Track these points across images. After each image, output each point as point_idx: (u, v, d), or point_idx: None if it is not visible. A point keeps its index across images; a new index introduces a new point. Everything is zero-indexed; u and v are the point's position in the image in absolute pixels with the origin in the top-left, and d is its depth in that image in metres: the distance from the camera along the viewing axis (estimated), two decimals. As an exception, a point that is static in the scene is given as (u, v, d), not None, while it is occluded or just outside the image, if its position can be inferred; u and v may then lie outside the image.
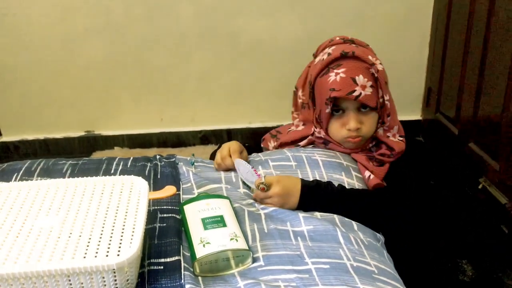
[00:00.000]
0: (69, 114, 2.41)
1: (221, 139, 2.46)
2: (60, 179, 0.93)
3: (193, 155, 1.22)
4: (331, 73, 1.07)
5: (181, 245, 0.87)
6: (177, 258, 0.84)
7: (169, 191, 1.05)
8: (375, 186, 1.09)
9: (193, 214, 0.91)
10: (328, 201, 0.99)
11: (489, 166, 1.81)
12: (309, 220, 0.94)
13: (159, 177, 1.11)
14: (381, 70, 1.10)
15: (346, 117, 1.11)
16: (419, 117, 2.45)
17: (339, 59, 1.08)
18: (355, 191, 1.05)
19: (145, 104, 2.40)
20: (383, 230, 1.04)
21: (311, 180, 1.04)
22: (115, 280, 0.73)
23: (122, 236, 0.78)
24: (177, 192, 1.05)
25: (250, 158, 1.20)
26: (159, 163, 1.17)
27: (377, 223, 1.02)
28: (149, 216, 0.94)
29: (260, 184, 0.97)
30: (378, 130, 1.15)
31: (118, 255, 0.74)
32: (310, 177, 1.10)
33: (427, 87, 2.36)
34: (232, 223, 0.88)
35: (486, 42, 1.79)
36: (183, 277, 0.80)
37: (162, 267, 0.83)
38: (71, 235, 0.80)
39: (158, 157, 1.20)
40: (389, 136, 1.16)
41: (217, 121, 2.45)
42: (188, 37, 2.25)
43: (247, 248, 0.83)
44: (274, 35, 2.24)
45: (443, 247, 1.67)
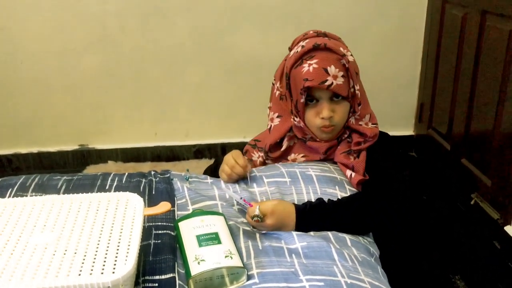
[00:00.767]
0: (63, 127, 2.41)
1: (215, 153, 2.47)
2: (55, 195, 0.93)
3: (187, 171, 1.23)
4: (305, 64, 1.12)
5: (176, 262, 0.87)
6: (172, 275, 0.84)
7: (164, 207, 1.05)
8: (359, 182, 1.13)
9: (188, 231, 0.91)
10: (322, 223, 1.01)
11: (481, 182, 1.83)
12: (302, 237, 0.95)
13: (154, 193, 1.11)
14: (351, 61, 1.14)
15: (319, 106, 1.16)
16: (412, 133, 2.47)
17: (311, 50, 1.13)
18: (344, 201, 1.07)
19: (139, 118, 2.41)
20: (374, 229, 1.07)
21: (304, 203, 1.05)
22: (110, 297, 0.73)
23: (117, 253, 0.78)
24: (172, 208, 1.05)
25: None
26: (154, 179, 1.17)
27: (368, 223, 1.05)
28: (144, 232, 0.94)
29: (254, 216, 0.97)
30: (350, 119, 1.19)
31: (113, 272, 0.74)
32: (304, 192, 1.11)
33: (420, 103, 2.38)
34: (227, 240, 0.89)
35: (477, 59, 1.82)
36: (177, 294, 0.80)
37: (156, 285, 0.83)
38: (66, 252, 0.79)
39: (153, 173, 1.21)
40: (361, 124, 1.20)
41: (211, 135, 2.46)
42: (182, 51, 2.27)
43: (242, 265, 0.84)
44: (268, 51, 2.26)
45: (437, 259, 1.68)
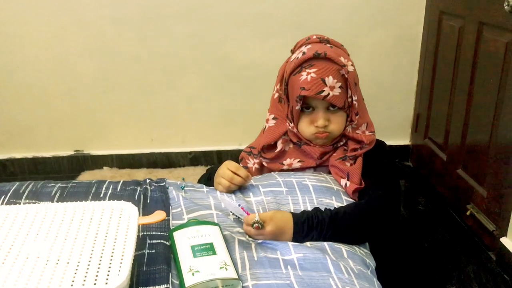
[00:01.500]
0: (59, 133, 2.39)
1: (211, 160, 2.46)
2: (49, 203, 0.92)
3: (183, 179, 1.22)
4: (303, 72, 1.13)
5: (170, 273, 0.86)
6: (165, 286, 0.83)
7: (158, 216, 1.05)
8: (354, 190, 1.13)
9: (183, 241, 0.90)
10: (320, 232, 1.00)
11: (477, 193, 1.83)
12: (299, 248, 0.94)
13: (148, 201, 1.11)
14: (351, 71, 1.14)
15: (315, 115, 1.17)
16: (408, 143, 2.47)
17: (312, 59, 1.13)
18: (340, 210, 1.07)
19: (135, 124, 2.40)
20: (370, 238, 1.07)
21: (301, 212, 1.05)
22: (103, 309, 0.72)
23: (110, 263, 0.77)
24: (167, 217, 1.04)
25: None
26: (149, 187, 1.16)
27: (364, 233, 1.06)
28: (138, 242, 0.93)
29: (254, 223, 0.97)
30: (347, 128, 1.20)
31: (106, 283, 0.74)
32: (300, 202, 1.10)
33: (416, 113, 2.39)
34: (222, 251, 0.88)
35: (473, 70, 1.83)
36: (171, 306, 0.79)
37: (150, 295, 0.82)
38: (58, 261, 0.78)
39: (148, 181, 1.20)
40: (358, 132, 1.20)
41: (207, 142, 2.45)
42: (180, 58, 2.27)
43: (237, 277, 0.83)
44: (265, 59, 2.26)
45: (432, 269, 1.67)
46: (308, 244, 0.98)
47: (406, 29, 2.25)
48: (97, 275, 0.75)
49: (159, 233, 0.97)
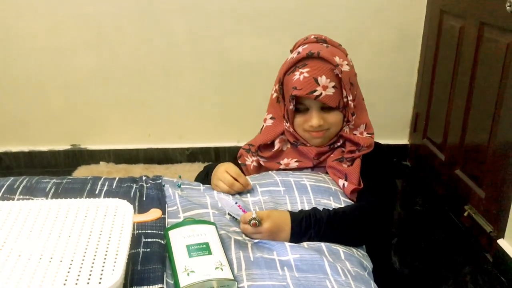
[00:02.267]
0: (55, 127, 2.38)
1: (208, 157, 2.45)
2: (43, 200, 0.91)
3: (179, 177, 1.21)
4: (297, 72, 1.12)
5: (165, 272, 0.85)
6: (160, 286, 0.82)
7: (154, 214, 1.04)
8: (353, 191, 1.12)
9: (178, 240, 0.89)
10: (317, 231, 0.99)
11: (475, 194, 1.82)
12: (296, 249, 0.93)
13: (144, 199, 1.09)
14: (346, 71, 1.12)
15: (309, 115, 1.16)
16: (407, 142, 2.47)
17: (305, 59, 1.13)
18: (339, 211, 1.06)
19: (132, 119, 2.39)
20: (367, 241, 1.06)
21: (298, 211, 1.03)
22: (95, 309, 0.71)
23: (104, 262, 0.76)
24: (163, 215, 1.03)
25: None
26: (145, 185, 1.15)
27: (361, 235, 1.05)
28: (133, 240, 0.92)
29: (252, 219, 0.96)
30: (344, 128, 1.18)
31: (99, 283, 0.72)
32: (298, 202, 1.09)
33: (415, 113, 2.38)
34: (217, 251, 0.87)
35: (474, 71, 1.82)
36: (165, 306, 0.78)
37: (144, 295, 0.81)
38: (51, 260, 0.77)
39: (144, 178, 1.18)
40: (356, 134, 1.19)
41: (205, 139, 2.44)
42: (178, 54, 2.25)
43: (232, 277, 0.82)
44: (264, 56, 2.25)
45: (428, 270, 1.67)
46: (305, 245, 0.97)
47: (406, 28, 2.24)
48: (90, 274, 0.74)
49: (154, 232, 0.96)
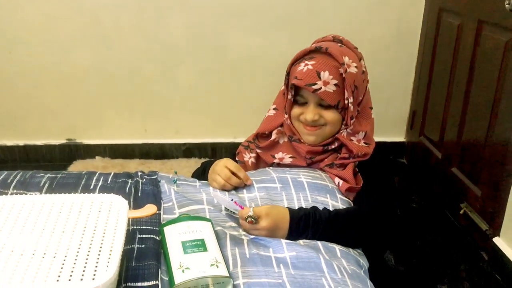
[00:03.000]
0: (51, 121, 2.36)
1: (205, 152, 2.44)
2: (36, 195, 0.90)
3: (175, 173, 1.20)
4: (302, 63, 1.12)
5: (160, 269, 0.85)
6: (154, 282, 0.81)
7: (149, 210, 1.03)
8: (347, 190, 1.12)
9: (173, 236, 0.88)
10: (315, 231, 0.99)
11: (471, 192, 1.82)
12: (292, 246, 0.92)
13: (139, 194, 1.08)
14: (352, 72, 1.10)
15: (306, 108, 1.15)
16: (403, 139, 2.46)
17: (313, 51, 1.12)
18: (339, 214, 1.05)
19: (129, 114, 2.37)
20: (364, 244, 1.05)
21: (297, 208, 1.02)
22: (89, 305, 0.70)
23: (98, 258, 0.76)
24: (158, 211, 1.02)
25: None
26: (141, 180, 1.14)
27: (359, 238, 1.04)
28: (128, 236, 0.91)
29: (248, 217, 0.95)
30: (341, 131, 1.16)
31: (93, 279, 0.72)
32: (295, 199, 1.08)
33: (412, 110, 2.37)
34: (213, 248, 0.86)
35: (471, 69, 1.81)
36: (160, 303, 0.78)
37: (138, 292, 0.80)
38: (45, 255, 0.76)
39: (139, 174, 1.17)
40: (353, 140, 1.16)
41: (201, 134, 2.43)
42: (176, 49, 2.24)
43: (228, 275, 0.81)
44: (262, 52, 2.24)
45: (424, 268, 1.67)
46: (301, 242, 0.96)
47: (404, 25, 2.23)
48: (84, 270, 0.73)
49: (149, 228, 0.95)
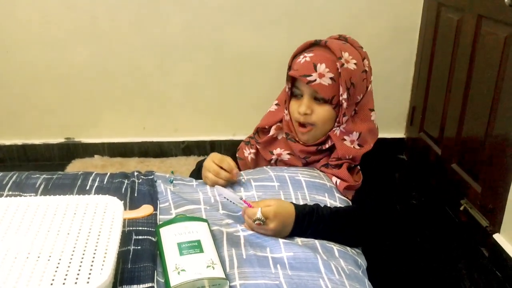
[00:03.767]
0: (49, 120, 2.36)
1: (204, 150, 2.43)
2: (31, 197, 0.89)
3: (172, 173, 1.19)
4: (301, 55, 1.12)
5: (156, 271, 0.84)
6: (150, 285, 0.80)
7: (145, 210, 1.02)
8: (346, 188, 1.11)
9: (169, 238, 0.87)
10: (316, 228, 0.98)
11: (471, 188, 1.81)
12: (289, 246, 0.91)
13: (136, 195, 1.08)
14: (350, 69, 1.09)
15: (301, 101, 1.14)
16: (403, 135, 2.45)
17: (313, 45, 1.13)
18: (339, 212, 1.04)
19: (127, 112, 2.36)
20: (366, 243, 1.05)
21: (302, 205, 1.01)
22: (83, 309, 0.70)
23: (93, 261, 0.75)
24: (154, 212, 1.01)
25: None
26: (137, 180, 1.13)
27: (361, 238, 1.04)
28: (124, 237, 0.91)
29: (256, 219, 0.94)
30: (334, 129, 1.14)
31: (87, 282, 0.71)
32: (293, 198, 1.07)
33: (412, 106, 2.36)
34: (209, 249, 0.85)
35: (471, 64, 1.80)
36: (156, 305, 0.77)
37: (134, 294, 0.80)
38: (39, 258, 0.76)
39: (136, 174, 1.17)
40: (346, 139, 1.14)
41: (200, 132, 2.42)
42: (174, 47, 2.22)
43: (224, 276, 0.80)
44: (260, 49, 2.23)
45: (423, 265, 1.66)
46: (299, 242, 0.95)
47: (403, 20, 2.22)
48: (78, 273, 0.73)
49: (145, 229, 0.94)
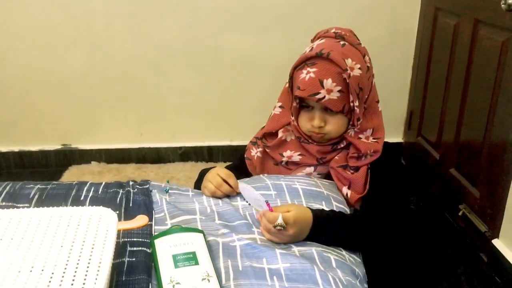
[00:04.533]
0: (46, 126, 2.35)
1: (201, 156, 2.42)
2: (24, 209, 0.88)
3: (167, 182, 1.18)
4: (304, 70, 1.09)
5: (150, 283, 0.83)
6: (144, 298, 0.80)
7: (140, 221, 1.01)
8: (356, 201, 1.11)
9: (164, 249, 0.86)
10: (334, 235, 0.99)
11: (470, 193, 1.80)
12: (286, 257, 0.90)
13: (131, 205, 1.07)
14: (356, 75, 1.08)
15: (312, 114, 1.14)
16: (401, 140, 2.45)
17: (315, 57, 1.09)
18: (355, 219, 1.06)
19: (124, 118, 2.35)
20: (379, 248, 1.07)
21: (319, 212, 1.01)
22: (76, 324, 0.69)
23: (86, 274, 0.74)
24: (149, 222, 1.01)
25: None
26: (132, 190, 1.12)
27: (374, 242, 1.05)
28: (118, 248, 0.90)
29: (277, 225, 0.94)
30: (348, 131, 1.15)
31: (80, 296, 0.70)
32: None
33: (409, 111, 2.36)
34: (205, 261, 0.84)
35: (468, 68, 1.80)
36: (150, 319, 0.76)
37: (128, 307, 0.79)
38: (31, 271, 0.75)
39: (131, 183, 1.16)
40: (361, 137, 1.15)
41: (198, 137, 2.41)
42: (170, 52, 2.22)
43: (219, 289, 0.80)
44: (258, 53, 2.22)
45: (422, 270, 1.65)
46: (296, 252, 0.94)
47: (400, 25, 2.21)
48: (72, 286, 0.72)
49: (140, 240, 0.93)
